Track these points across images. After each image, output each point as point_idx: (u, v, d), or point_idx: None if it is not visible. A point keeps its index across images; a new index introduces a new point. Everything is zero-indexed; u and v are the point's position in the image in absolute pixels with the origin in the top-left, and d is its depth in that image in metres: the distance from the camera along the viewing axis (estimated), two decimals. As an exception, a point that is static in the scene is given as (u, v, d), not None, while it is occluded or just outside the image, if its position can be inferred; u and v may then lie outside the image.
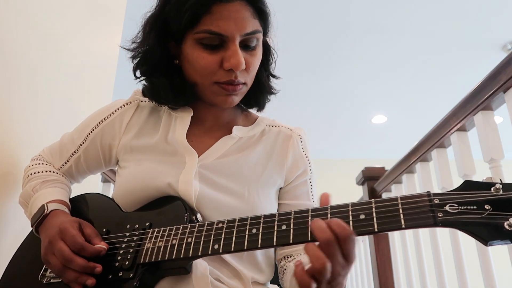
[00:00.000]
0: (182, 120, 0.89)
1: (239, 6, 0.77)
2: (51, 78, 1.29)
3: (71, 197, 0.94)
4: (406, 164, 2.00)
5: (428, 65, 4.18)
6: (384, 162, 3.26)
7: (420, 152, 1.86)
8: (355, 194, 3.20)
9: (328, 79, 4.42)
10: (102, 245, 0.74)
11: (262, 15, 0.81)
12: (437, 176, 1.72)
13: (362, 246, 2.66)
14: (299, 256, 0.88)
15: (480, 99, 1.41)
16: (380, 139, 5.69)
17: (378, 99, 4.82)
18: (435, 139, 1.73)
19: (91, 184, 1.49)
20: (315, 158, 6.08)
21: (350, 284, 2.86)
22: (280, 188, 0.92)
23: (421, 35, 3.73)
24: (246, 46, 0.80)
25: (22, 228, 1.04)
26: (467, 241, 1.61)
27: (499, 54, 3.89)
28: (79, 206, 0.90)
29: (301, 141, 0.94)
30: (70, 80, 1.43)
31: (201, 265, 0.75)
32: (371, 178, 2.49)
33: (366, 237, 2.58)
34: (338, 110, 5.02)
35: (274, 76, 0.95)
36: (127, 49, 0.88)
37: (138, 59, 0.87)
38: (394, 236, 2.35)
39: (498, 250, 1.28)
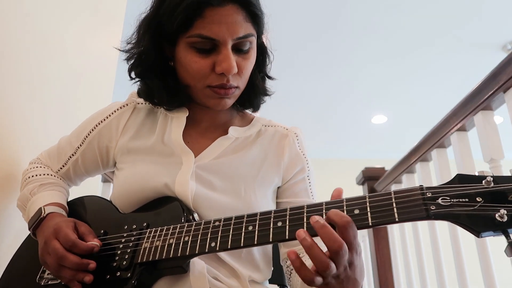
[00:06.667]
0: (178, 120, 0.90)
1: (231, 10, 0.76)
2: (51, 79, 1.29)
3: (69, 200, 0.94)
4: (406, 164, 2.00)
5: (428, 65, 4.18)
6: (384, 162, 3.26)
7: (420, 152, 1.86)
8: (355, 194, 3.17)
9: (327, 79, 4.42)
10: (94, 242, 0.74)
11: (255, 19, 0.81)
12: (437, 176, 1.72)
13: (362, 246, 2.65)
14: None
15: (480, 99, 1.41)
16: (380, 139, 5.69)
17: (378, 99, 4.82)
18: (435, 139, 1.73)
19: (91, 184, 1.48)
20: (315, 158, 6.02)
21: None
22: (278, 187, 0.92)
23: (421, 35, 3.73)
24: (238, 49, 0.80)
25: (22, 230, 1.04)
26: (467, 241, 1.61)
27: (499, 54, 3.89)
28: (77, 209, 0.90)
29: (298, 140, 0.94)
30: (70, 81, 1.43)
31: (198, 264, 0.75)
32: (371, 178, 2.49)
33: (366, 237, 2.58)
34: (338, 110, 5.02)
35: (269, 78, 0.95)
36: (122, 51, 0.89)
37: (132, 60, 0.87)
38: (394, 236, 2.34)
39: (499, 251, 1.27)
